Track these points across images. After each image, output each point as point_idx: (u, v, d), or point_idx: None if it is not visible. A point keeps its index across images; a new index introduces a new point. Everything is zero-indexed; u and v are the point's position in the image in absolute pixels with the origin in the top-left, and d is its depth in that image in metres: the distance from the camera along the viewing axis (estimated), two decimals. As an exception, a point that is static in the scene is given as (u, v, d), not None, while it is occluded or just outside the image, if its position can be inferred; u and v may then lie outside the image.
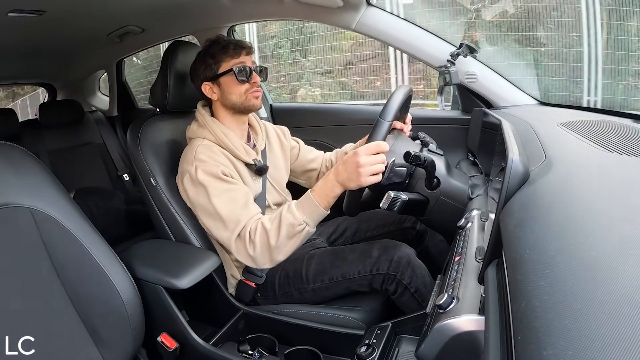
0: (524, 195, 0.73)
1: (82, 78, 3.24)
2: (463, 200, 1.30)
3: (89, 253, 1.17)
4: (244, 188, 1.44)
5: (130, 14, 2.10)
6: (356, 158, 1.24)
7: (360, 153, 1.24)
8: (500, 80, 1.80)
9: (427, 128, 1.61)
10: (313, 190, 1.34)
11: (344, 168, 1.28)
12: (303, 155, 1.80)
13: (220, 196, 1.38)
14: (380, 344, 1.15)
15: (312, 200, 1.33)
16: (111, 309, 1.18)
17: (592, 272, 0.45)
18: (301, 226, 1.33)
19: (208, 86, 1.53)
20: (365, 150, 1.24)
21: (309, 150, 1.84)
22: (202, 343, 1.36)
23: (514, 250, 0.58)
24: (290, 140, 1.80)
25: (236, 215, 1.37)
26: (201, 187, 1.40)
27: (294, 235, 1.34)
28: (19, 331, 1.02)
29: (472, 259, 0.89)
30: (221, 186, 1.40)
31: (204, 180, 1.39)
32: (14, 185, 1.13)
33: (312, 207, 1.33)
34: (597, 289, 0.42)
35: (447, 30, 4.33)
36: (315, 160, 1.81)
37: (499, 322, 0.59)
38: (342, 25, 1.87)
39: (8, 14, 1.66)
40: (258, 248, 1.35)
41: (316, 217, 1.34)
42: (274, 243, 1.33)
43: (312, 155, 1.82)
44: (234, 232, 1.37)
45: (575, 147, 0.98)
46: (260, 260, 1.37)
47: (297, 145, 1.82)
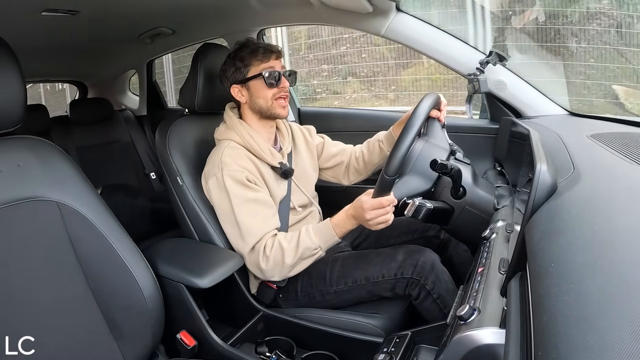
0: (550, 208, 0.72)
1: (113, 77, 3.30)
2: (488, 210, 1.28)
3: (114, 248, 1.20)
4: (265, 196, 1.47)
5: (161, 16, 2.14)
6: (363, 213, 1.32)
7: (367, 209, 1.30)
8: (530, 89, 1.77)
9: (454, 136, 1.59)
10: (332, 220, 1.41)
11: (356, 213, 1.36)
12: (327, 150, 1.79)
13: (241, 206, 1.42)
14: (399, 353, 1.14)
15: (330, 230, 1.40)
16: (132, 304, 1.20)
17: (618, 289, 0.44)
18: (316, 250, 1.40)
19: (237, 89, 1.55)
20: (370, 207, 1.30)
21: (334, 144, 1.82)
22: (221, 342, 1.38)
23: (539, 263, 0.57)
24: (315, 137, 1.80)
25: (254, 229, 1.41)
26: (225, 192, 1.42)
27: (307, 258, 1.41)
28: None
29: (496, 271, 0.88)
30: (244, 194, 1.42)
31: (229, 186, 1.42)
32: (42, 179, 1.16)
33: (329, 236, 1.40)
34: (622, 306, 0.41)
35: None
36: (340, 153, 1.78)
37: (519, 336, 0.58)
38: (372, 31, 1.86)
39: (42, 13, 1.71)
40: (271, 263, 1.40)
41: (330, 244, 1.42)
42: (289, 262, 1.39)
43: (335, 149, 1.80)
44: (249, 244, 1.41)
45: (604, 160, 0.96)
46: (270, 273, 1.42)
47: (322, 140, 1.81)
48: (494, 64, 1.70)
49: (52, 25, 1.89)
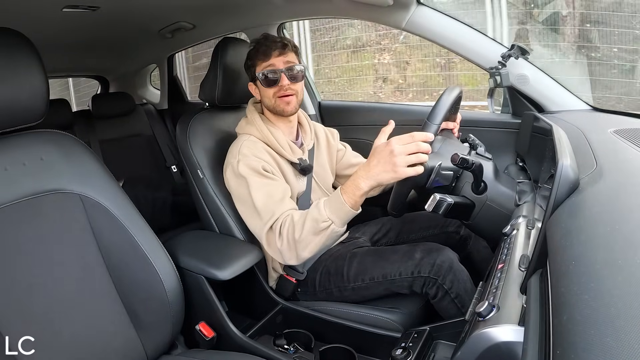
0: (572, 204, 0.71)
1: (134, 72, 3.34)
2: (510, 206, 1.27)
3: (135, 240, 1.22)
4: (283, 184, 1.46)
5: (181, 11, 2.15)
6: (389, 146, 1.17)
7: (394, 141, 1.17)
8: (553, 83, 1.74)
9: (476, 131, 1.57)
10: (342, 187, 1.29)
11: (376, 160, 1.21)
12: (347, 159, 1.79)
13: (259, 190, 1.40)
14: (417, 348, 1.14)
15: (339, 197, 1.28)
16: (153, 295, 1.22)
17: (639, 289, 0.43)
18: (325, 223, 1.28)
19: (253, 87, 1.59)
20: (398, 140, 1.17)
21: (354, 155, 1.83)
22: (239, 334, 1.39)
23: (559, 261, 0.57)
24: (338, 142, 1.80)
25: (271, 209, 1.38)
26: (242, 179, 1.42)
27: (319, 232, 1.30)
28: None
29: (516, 268, 0.87)
30: (261, 181, 1.42)
31: (245, 173, 1.42)
32: (66, 172, 1.19)
33: (338, 204, 1.28)
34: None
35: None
36: (358, 165, 1.77)
37: (538, 334, 0.58)
38: (392, 24, 1.85)
39: (63, 9, 1.74)
40: (285, 241, 1.34)
41: (342, 215, 1.29)
42: (297, 236, 1.31)
43: (355, 160, 1.80)
44: (267, 223, 1.38)
45: (628, 156, 0.94)
46: (287, 254, 1.36)
47: (344, 148, 1.82)
48: (516, 58, 1.68)
49: (73, 21, 1.92)
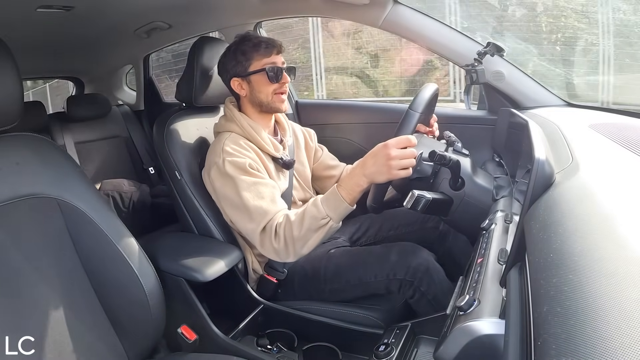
0: (549, 198, 0.72)
1: (110, 72, 3.29)
2: (487, 201, 1.28)
3: (114, 244, 1.19)
4: (271, 182, 1.45)
5: (157, 10, 2.13)
6: (387, 150, 1.20)
7: (391, 146, 1.20)
8: (528, 80, 1.77)
9: (452, 127, 1.59)
10: (339, 185, 1.31)
11: (372, 161, 1.24)
12: (324, 161, 1.80)
13: (248, 189, 1.38)
14: (399, 344, 1.14)
15: (337, 195, 1.30)
16: (133, 300, 1.20)
17: (617, 280, 0.44)
18: (324, 220, 1.30)
19: (237, 82, 1.54)
20: (395, 143, 1.20)
21: (332, 157, 1.83)
22: (222, 336, 1.38)
23: (538, 254, 0.58)
24: (316, 143, 1.81)
25: (263, 209, 1.37)
26: (229, 179, 1.40)
27: (318, 229, 1.31)
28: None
29: (495, 262, 0.88)
30: (249, 179, 1.40)
31: (231, 172, 1.40)
32: (42, 177, 1.15)
33: (337, 202, 1.30)
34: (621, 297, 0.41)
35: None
36: (335, 168, 1.79)
37: (519, 326, 0.58)
38: (368, 23, 1.86)
39: (37, 10, 1.71)
40: (282, 241, 1.34)
41: (340, 211, 1.31)
42: (296, 235, 1.32)
43: (333, 163, 1.81)
44: (259, 224, 1.36)
45: (603, 150, 0.96)
46: (284, 253, 1.36)
47: (321, 150, 1.82)
48: (492, 55, 1.70)
49: (47, 21, 1.89)
